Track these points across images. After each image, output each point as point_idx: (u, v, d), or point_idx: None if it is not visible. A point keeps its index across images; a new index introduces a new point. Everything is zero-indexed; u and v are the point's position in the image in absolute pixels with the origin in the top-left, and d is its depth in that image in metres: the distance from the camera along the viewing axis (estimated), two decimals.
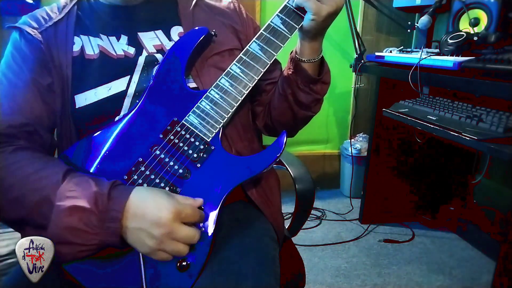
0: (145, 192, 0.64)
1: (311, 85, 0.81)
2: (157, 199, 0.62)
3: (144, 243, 0.61)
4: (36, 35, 0.76)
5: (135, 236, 0.61)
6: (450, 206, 2.16)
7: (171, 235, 0.61)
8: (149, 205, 0.61)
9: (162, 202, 0.62)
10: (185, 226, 0.62)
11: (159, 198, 0.62)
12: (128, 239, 0.62)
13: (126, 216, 0.61)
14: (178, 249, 0.62)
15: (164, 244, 0.61)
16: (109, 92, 0.76)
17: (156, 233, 0.60)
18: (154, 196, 0.63)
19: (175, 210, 0.61)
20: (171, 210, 0.61)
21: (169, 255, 0.63)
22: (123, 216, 0.61)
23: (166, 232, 0.60)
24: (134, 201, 0.62)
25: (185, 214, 0.62)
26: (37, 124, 0.73)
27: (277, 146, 0.72)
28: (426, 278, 1.75)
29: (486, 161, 1.94)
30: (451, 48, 1.48)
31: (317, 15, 0.71)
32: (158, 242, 0.60)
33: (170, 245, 0.61)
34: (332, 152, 2.68)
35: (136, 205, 0.61)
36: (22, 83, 0.73)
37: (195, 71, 0.80)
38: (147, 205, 0.61)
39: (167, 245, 0.61)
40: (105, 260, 0.67)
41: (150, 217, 0.60)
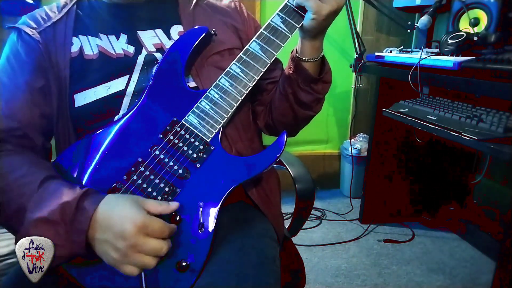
0: (114, 201, 0.62)
1: (312, 84, 0.81)
2: (124, 210, 0.60)
3: (109, 255, 0.60)
4: (34, 35, 0.76)
5: (101, 247, 0.61)
6: (450, 206, 2.16)
7: (136, 248, 0.59)
8: (115, 217, 0.60)
9: (129, 214, 0.60)
10: (151, 239, 0.60)
11: (127, 208, 0.60)
12: (96, 250, 0.61)
13: (94, 226, 0.60)
14: (143, 261, 0.60)
15: (129, 257, 0.59)
16: (108, 91, 0.75)
17: (120, 246, 0.58)
18: (122, 207, 0.61)
19: (141, 223, 0.59)
20: (136, 223, 0.59)
21: (135, 268, 0.60)
22: (90, 228, 0.60)
23: (130, 245, 0.58)
24: (101, 212, 0.61)
25: (151, 228, 0.60)
26: (28, 128, 0.73)
27: (277, 146, 0.72)
28: (426, 278, 1.75)
29: (486, 161, 1.94)
30: (451, 48, 1.48)
31: (317, 14, 0.71)
32: (122, 255, 0.59)
33: (136, 258, 0.59)
34: (332, 152, 2.67)
35: (103, 216, 0.60)
36: (15, 87, 0.74)
37: (194, 70, 0.80)
38: (113, 216, 0.60)
39: (132, 258, 0.59)
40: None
41: (114, 229, 0.59)
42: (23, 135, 0.73)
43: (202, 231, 0.68)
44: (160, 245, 0.60)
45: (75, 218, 0.60)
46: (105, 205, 0.61)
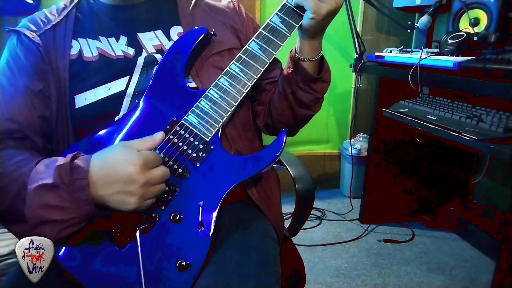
0: (104, 153, 0.63)
1: (311, 84, 0.81)
2: (118, 156, 0.62)
3: (128, 202, 0.61)
4: (35, 38, 0.76)
5: (116, 200, 0.61)
6: (450, 206, 2.16)
7: (148, 183, 0.62)
8: (114, 166, 0.61)
9: (125, 158, 0.61)
10: (155, 169, 0.63)
11: (120, 154, 0.62)
12: (110, 206, 0.62)
13: (98, 184, 0.61)
14: (158, 190, 0.64)
15: (145, 194, 0.62)
16: (109, 92, 0.76)
17: (134, 189, 0.60)
18: (114, 155, 0.62)
19: (140, 161, 0.61)
20: (137, 162, 0.61)
21: (155, 198, 0.65)
22: (91, 184, 0.60)
23: (142, 184, 0.61)
24: (96, 165, 0.62)
25: (150, 161, 0.63)
26: (28, 130, 0.74)
27: (277, 145, 0.72)
28: (426, 278, 1.75)
29: (486, 161, 1.94)
30: (451, 48, 1.48)
31: (316, 14, 0.71)
32: (140, 196, 0.61)
33: (151, 191, 0.63)
34: (332, 152, 2.67)
35: (100, 169, 0.61)
36: (14, 90, 0.74)
37: (194, 70, 0.80)
38: (112, 167, 0.61)
39: (149, 194, 0.62)
40: (105, 260, 0.67)
41: (121, 177, 0.60)
42: (23, 137, 0.74)
43: (202, 230, 0.68)
44: (163, 170, 0.65)
45: (72, 177, 0.60)
46: (96, 158, 0.63)
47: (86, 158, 0.63)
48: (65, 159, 0.62)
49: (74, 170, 0.61)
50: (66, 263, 0.67)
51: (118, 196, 0.61)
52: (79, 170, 0.61)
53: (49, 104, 0.76)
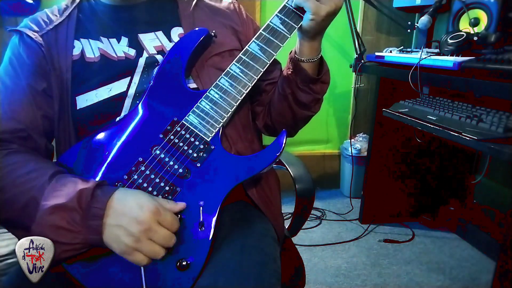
0: (128, 191, 0.65)
1: (310, 84, 0.81)
2: (139, 197, 0.63)
3: (121, 241, 0.61)
4: (37, 38, 0.76)
5: (113, 233, 0.61)
6: (450, 206, 2.16)
7: (149, 233, 0.61)
8: (130, 203, 0.62)
9: (144, 201, 0.62)
10: (163, 228, 0.62)
11: (141, 197, 0.63)
12: (105, 238, 0.62)
13: (108, 213, 0.61)
14: (154, 250, 0.62)
15: (141, 243, 0.60)
16: (110, 93, 0.76)
17: (134, 230, 0.60)
18: (136, 195, 0.64)
19: (155, 209, 0.62)
20: (152, 209, 0.61)
21: (145, 257, 0.62)
22: (105, 213, 0.61)
23: (144, 229, 0.60)
24: (116, 199, 0.62)
25: (164, 217, 0.63)
26: (31, 130, 0.74)
27: (277, 146, 0.73)
28: (426, 278, 1.75)
29: (486, 161, 1.94)
30: (451, 48, 1.48)
31: (316, 15, 0.71)
32: (135, 240, 0.60)
33: (147, 246, 0.61)
34: (332, 152, 2.68)
35: (117, 202, 0.62)
36: (17, 89, 0.74)
37: (195, 71, 0.80)
38: (128, 203, 0.62)
39: (144, 245, 0.61)
40: (105, 260, 0.67)
41: (130, 214, 0.61)
42: (27, 136, 0.74)
43: (202, 230, 0.68)
44: (170, 235, 0.63)
45: (91, 205, 0.61)
46: (119, 194, 0.64)
47: (109, 191, 0.64)
48: (89, 184, 0.63)
49: (95, 198, 0.62)
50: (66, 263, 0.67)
51: (116, 231, 0.61)
52: (99, 199, 0.62)
53: (52, 103, 0.76)
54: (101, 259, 0.67)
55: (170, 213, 0.64)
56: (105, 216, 0.61)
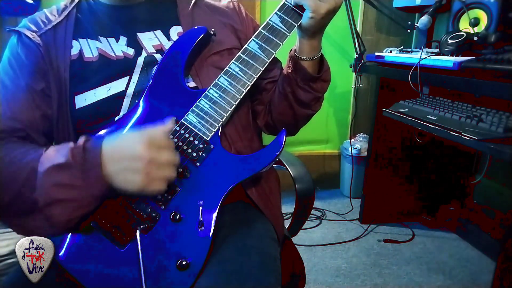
0: (116, 136, 0.65)
1: (310, 83, 0.81)
2: (127, 136, 0.64)
3: (133, 181, 0.61)
4: (35, 38, 0.76)
5: (121, 179, 0.62)
6: (450, 206, 2.16)
7: (154, 162, 0.61)
8: (122, 144, 0.63)
9: (134, 137, 0.63)
10: (163, 151, 0.63)
11: (129, 135, 0.64)
12: (116, 185, 0.62)
13: (106, 162, 0.62)
14: (166, 173, 0.63)
15: (151, 173, 0.61)
16: (109, 92, 0.76)
17: (139, 166, 0.60)
18: (125, 136, 0.65)
19: (147, 139, 0.61)
20: (143, 140, 0.61)
21: (162, 182, 0.63)
22: (102, 162, 0.61)
23: (148, 161, 0.60)
24: (108, 146, 0.63)
25: (158, 142, 0.63)
26: (30, 129, 0.75)
27: (277, 145, 0.72)
28: (426, 278, 1.75)
29: (486, 161, 1.94)
30: (451, 48, 1.48)
31: (315, 13, 0.71)
32: (145, 174, 0.60)
33: (158, 172, 0.62)
34: (332, 152, 2.67)
35: (110, 148, 0.63)
36: (16, 89, 0.74)
37: (194, 70, 0.80)
38: (120, 145, 0.63)
39: (155, 173, 0.61)
40: (105, 260, 0.67)
41: (127, 154, 0.61)
42: (26, 135, 0.74)
43: (202, 230, 0.68)
44: (172, 154, 0.64)
45: (86, 157, 0.62)
46: (108, 140, 0.64)
47: (98, 140, 0.64)
48: (78, 142, 0.64)
49: (86, 150, 0.62)
50: (66, 263, 0.67)
51: (124, 174, 0.61)
52: (91, 149, 0.62)
53: (51, 103, 0.76)
54: (101, 259, 0.67)
55: (162, 136, 0.64)
56: (104, 166, 0.61)
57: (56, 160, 0.62)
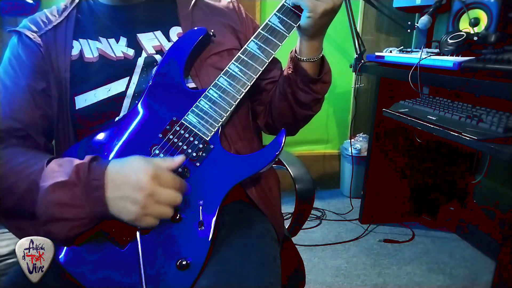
0: (123, 160, 0.64)
1: (310, 84, 0.81)
2: (134, 164, 0.62)
3: (128, 210, 0.60)
4: (35, 38, 0.76)
5: (118, 206, 0.61)
6: (450, 206, 2.16)
7: (154, 197, 0.60)
8: (128, 171, 0.61)
9: (140, 166, 0.61)
10: (166, 188, 0.61)
11: (136, 163, 0.62)
12: (110, 210, 0.61)
13: (108, 186, 0.61)
14: (162, 211, 0.61)
15: (148, 207, 0.60)
16: (109, 93, 0.76)
17: (138, 197, 0.59)
18: (131, 162, 0.63)
19: (154, 172, 0.60)
20: (150, 172, 0.60)
21: (155, 219, 0.62)
22: (105, 185, 0.61)
23: (148, 194, 0.59)
24: (112, 169, 0.62)
25: (164, 178, 0.62)
26: (30, 129, 0.74)
27: (276, 145, 0.72)
28: (426, 278, 1.75)
29: (486, 161, 1.94)
30: (451, 48, 1.48)
31: (313, 13, 0.71)
32: (142, 206, 0.60)
33: (154, 208, 0.61)
34: (332, 152, 2.68)
35: (115, 173, 0.62)
36: (17, 89, 0.74)
37: (194, 71, 0.80)
38: (125, 172, 0.61)
39: (151, 209, 0.60)
40: (105, 260, 0.67)
41: (130, 182, 0.60)
42: (25, 135, 0.74)
43: (202, 229, 0.68)
44: (174, 194, 0.62)
45: (90, 177, 0.61)
46: (115, 163, 0.63)
47: (104, 161, 0.63)
48: (83, 160, 0.63)
49: (91, 171, 0.61)
50: (66, 264, 0.67)
51: (121, 202, 0.60)
52: (96, 170, 0.61)
53: (51, 104, 0.76)
54: (101, 259, 0.67)
55: (169, 171, 0.63)
56: (105, 188, 0.61)
57: (60, 178, 0.61)
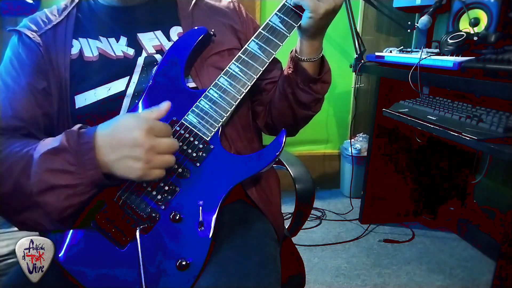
0: (111, 121, 0.64)
1: (311, 84, 0.81)
2: (125, 122, 0.62)
3: (133, 168, 0.60)
4: (35, 38, 0.76)
5: (121, 166, 0.61)
6: (450, 206, 2.16)
7: (154, 149, 0.60)
8: (120, 131, 0.61)
9: (131, 123, 0.61)
10: (162, 138, 0.62)
11: (126, 121, 0.62)
12: (116, 173, 0.62)
13: (103, 151, 0.61)
14: (166, 160, 0.62)
15: (152, 160, 0.60)
16: (109, 92, 0.76)
17: (139, 154, 0.59)
18: (121, 122, 0.62)
19: (146, 126, 0.60)
20: (143, 127, 0.60)
21: (162, 169, 0.62)
22: (97, 149, 0.61)
23: (147, 148, 0.60)
24: (103, 132, 0.62)
25: (157, 129, 0.62)
26: (32, 127, 0.74)
27: (277, 145, 0.72)
28: (426, 278, 1.75)
29: (486, 161, 1.94)
30: (451, 48, 1.48)
31: (314, 13, 0.71)
32: (145, 161, 0.60)
33: (158, 159, 0.61)
34: (332, 152, 2.68)
35: (106, 134, 0.62)
36: (18, 88, 0.74)
37: (194, 71, 0.80)
38: (118, 132, 0.61)
39: (155, 161, 0.61)
40: (105, 260, 0.67)
41: (126, 142, 0.60)
42: (27, 133, 0.74)
43: (202, 230, 0.68)
44: (171, 141, 0.63)
45: (79, 141, 0.61)
46: (104, 126, 0.63)
47: (92, 127, 0.64)
48: (73, 128, 0.64)
49: (81, 135, 0.62)
50: (66, 263, 0.67)
51: (124, 162, 0.60)
52: (86, 134, 0.62)
53: (52, 102, 0.76)
54: (101, 259, 0.67)
55: (159, 122, 0.63)
56: (100, 155, 0.61)
57: (51, 145, 0.62)
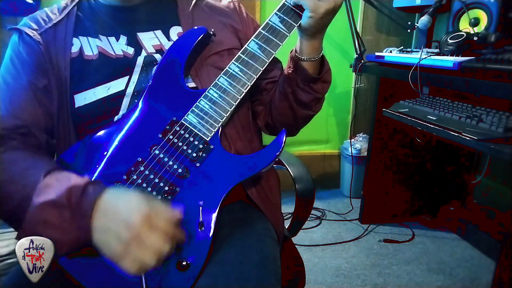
0: (122, 192, 0.62)
1: (311, 84, 0.81)
2: (131, 200, 0.59)
3: (110, 246, 0.57)
4: (35, 36, 0.76)
5: (102, 237, 0.58)
6: (450, 206, 2.16)
7: (139, 240, 0.56)
8: (121, 204, 0.59)
9: (135, 204, 0.58)
10: (154, 234, 0.57)
11: (133, 199, 0.59)
12: (94, 240, 0.59)
13: (98, 215, 0.58)
14: (143, 258, 0.56)
15: (130, 250, 0.56)
16: (108, 91, 0.76)
17: (123, 236, 0.56)
18: (129, 197, 0.60)
19: (147, 214, 0.57)
20: (143, 213, 0.57)
21: (134, 264, 0.56)
22: (94, 215, 0.58)
23: (133, 236, 0.56)
24: (106, 199, 0.60)
25: (155, 222, 0.57)
26: (32, 126, 0.74)
27: (277, 145, 0.72)
28: (426, 278, 1.75)
29: (486, 161, 1.94)
30: (451, 48, 1.48)
31: (314, 13, 0.71)
32: (124, 247, 0.56)
33: (136, 252, 0.56)
34: (332, 152, 2.67)
35: (108, 203, 0.59)
36: (19, 86, 0.74)
37: (194, 70, 0.80)
38: (119, 204, 0.59)
39: (133, 252, 0.56)
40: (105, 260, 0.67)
41: (120, 217, 0.57)
42: (28, 132, 0.74)
43: (202, 230, 0.68)
44: (161, 241, 0.57)
45: (81, 202, 0.59)
46: (110, 194, 0.61)
47: (100, 189, 0.61)
48: (79, 181, 0.61)
49: (85, 196, 0.60)
50: (66, 263, 0.67)
51: (106, 235, 0.58)
52: (88, 197, 0.59)
53: (52, 101, 0.76)
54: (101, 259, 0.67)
55: (164, 218, 0.59)
56: (94, 217, 0.58)
57: (51, 196, 0.59)
